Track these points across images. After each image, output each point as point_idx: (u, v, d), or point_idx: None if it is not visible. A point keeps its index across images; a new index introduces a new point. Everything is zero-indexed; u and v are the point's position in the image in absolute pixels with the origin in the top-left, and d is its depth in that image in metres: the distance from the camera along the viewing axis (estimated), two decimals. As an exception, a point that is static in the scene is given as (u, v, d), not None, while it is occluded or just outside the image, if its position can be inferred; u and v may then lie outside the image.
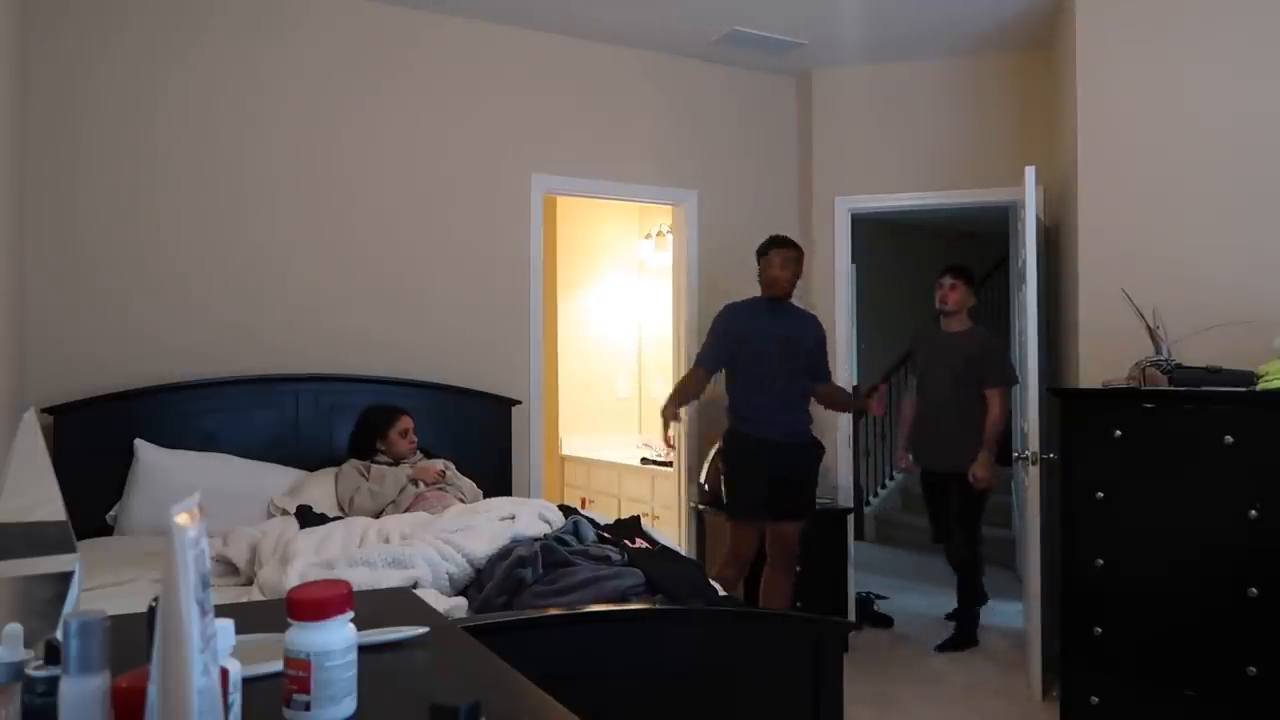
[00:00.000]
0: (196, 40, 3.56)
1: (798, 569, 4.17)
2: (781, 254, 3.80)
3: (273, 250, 3.68)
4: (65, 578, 1.01)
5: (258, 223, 3.66)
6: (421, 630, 1.14)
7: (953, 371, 4.20)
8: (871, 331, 6.85)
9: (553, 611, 2.02)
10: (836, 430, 4.68)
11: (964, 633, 4.25)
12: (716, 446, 4.11)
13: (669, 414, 3.68)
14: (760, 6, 3.98)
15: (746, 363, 3.78)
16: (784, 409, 3.76)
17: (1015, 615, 4.63)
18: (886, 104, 4.66)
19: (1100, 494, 3.03)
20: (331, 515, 2.98)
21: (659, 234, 5.73)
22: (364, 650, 0.92)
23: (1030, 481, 3.61)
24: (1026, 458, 3.55)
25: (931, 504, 4.47)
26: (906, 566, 5.97)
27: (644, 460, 5.24)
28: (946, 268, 4.33)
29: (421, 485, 3.22)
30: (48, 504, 1.18)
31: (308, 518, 2.85)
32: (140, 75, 3.47)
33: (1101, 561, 3.03)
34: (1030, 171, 3.61)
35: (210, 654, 0.66)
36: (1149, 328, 3.24)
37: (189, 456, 3.31)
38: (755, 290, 4.88)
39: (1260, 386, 2.81)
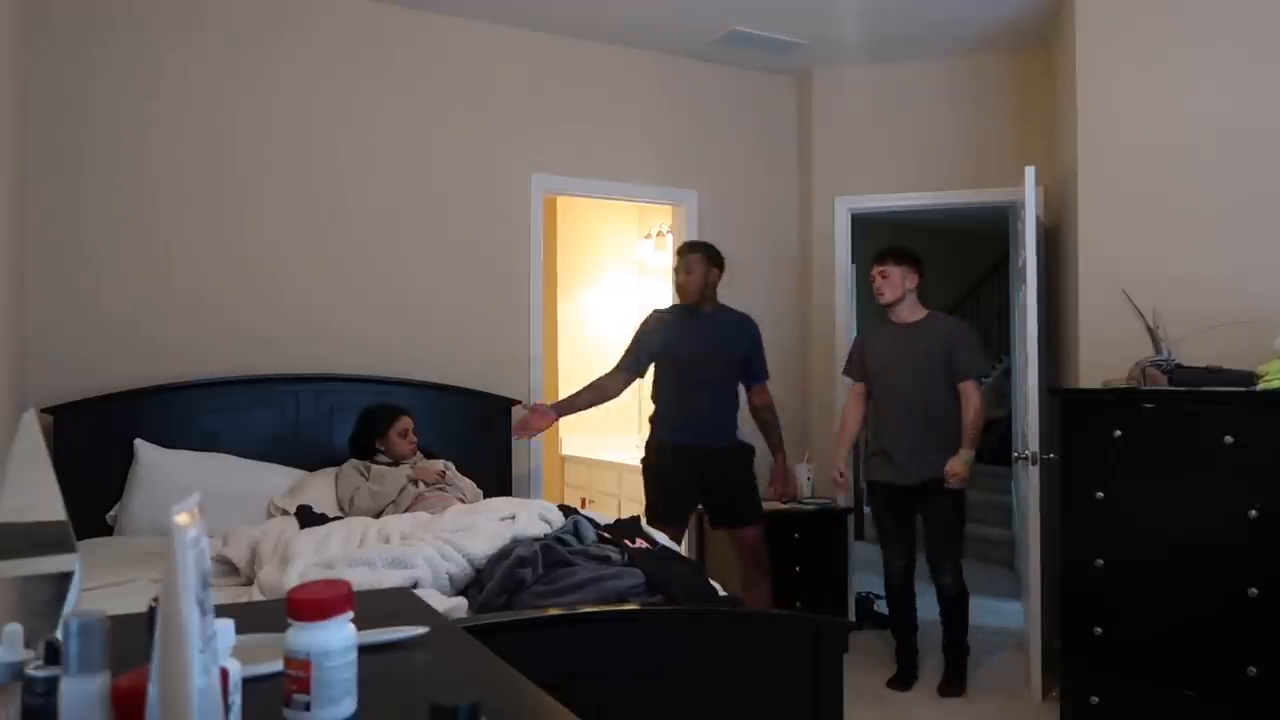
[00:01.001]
0: (195, 40, 3.56)
1: (797, 569, 4.19)
2: (684, 260, 3.76)
3: (273, 250, 3.68)
4: (65, 578, 1.01)
5: (258, 223, 3.66)
6: (421, 630, 1.14)
7: (916, 367, 3.65)
8: (871, 331, 6.85)
9: (553, 611, 2.02)
10: (836, 430, 4.67)
11: (958, 671, 3.71)
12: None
13: (557, 411, 3.71)
14: (760, 6, 3.98)
15: (668, 371, 3.75)
16: (707, 416, 3.71)
17: (1015, 615, 4.63)
18: (886, 104, 4.66)
19: (1100, 494, 3.03)
20: (331, 515, 2.98)
21: (659, 234, 5.73)
22: (364, 650, 0.92)
23: (1030, 481, 3.61)
24: (1026, 458, 3.55)
25: (893, 524, 3.78)
26: (906, 566, 5.96)
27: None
28: (874, 256, 3.80)
29: (422, 485, 3.22)
30: (48, 504, 1.19)
31: (308, 518, 2.85)
32: (138, 75, 3.47)
33: (1101, 561, 3.03)
34: (1030, 171, 3.61)
35: (210, 654, 0.66)
36: (1149, 328, 3.25)
37: (189, 456, 3.30)
38: (753, 290, 4.89)
39: (1260, 386, 2.81)
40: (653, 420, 3.82)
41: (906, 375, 3.69)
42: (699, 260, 3.73)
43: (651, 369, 3.83)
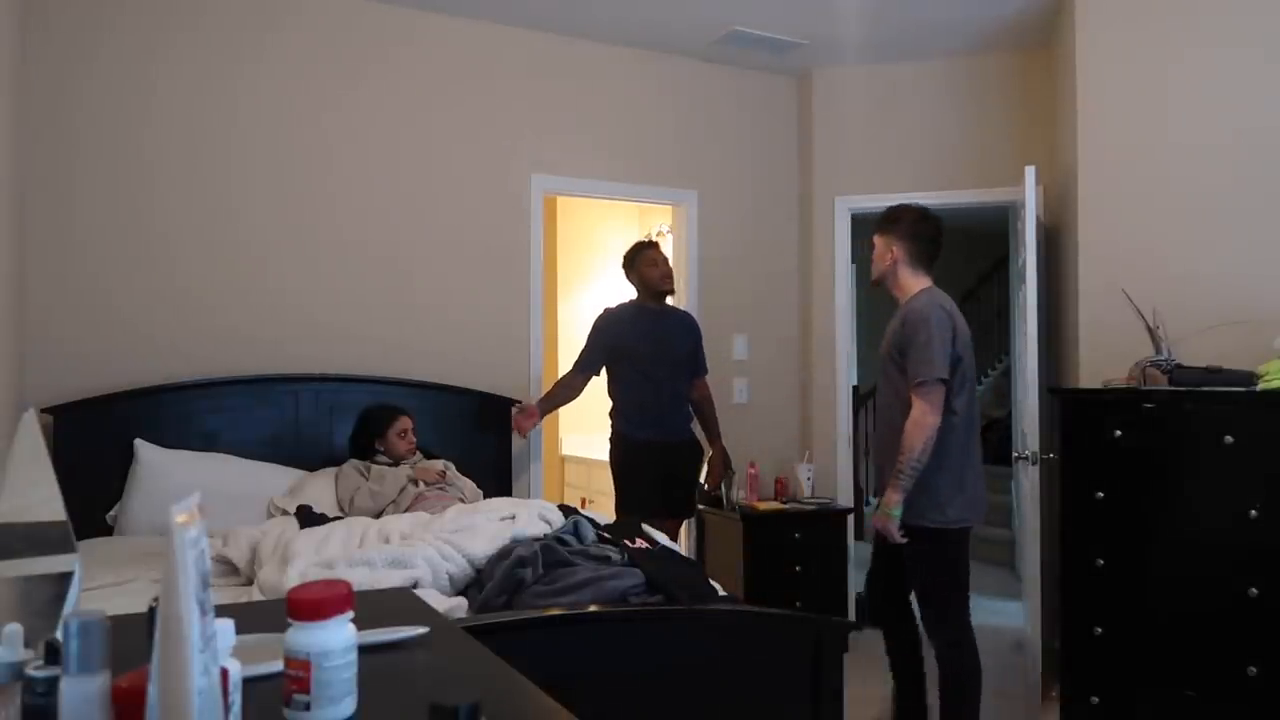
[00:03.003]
0: (194, 39, 3.56)
1: (797, 569, 4.22)
2: (661, 252, 3.89)
3: (272, 250, 3.68)
4: (65, 578, 1.01)
5: (258, 223, 3.65)
6: (421, 630, 1.14)
7: (882, 363, 2.91)
8: (871, 332, 6.86)
9: (553, 611, 2.02)
10: (836, 430, 4.68)
11: None
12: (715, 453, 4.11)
13: (540, 410, 3.83)
14: (760, 6, 3.98)
15: (628, 367, 3.79)
16: (668, 410, 3.81)
17: (1015, 615, 4.63)
18: (887, 104, 4.66)
19: (1100, 494, 3.03)
20: (331, 515, 2.98)
21: (659, 234, 5.73)
22: (364, 650, 0.92)
23: (1030, 481, 3.61)
24: (1026, 458, 3.55)
25: (873, 561, 3.07)
26: (906, 566, 5.96)
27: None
28: None
29: (422, 485, 3.22)
30: (48, 504, 1.19)
31: (308, 518, 2.85)
32: (137, 76, 3.47)
33: (1101, 561, 3.03)
34: (1030, 171, 3.61)
35: (210, 654, 0.66)
36: (1149, 328, 3.25)
37: (189, 456, 3.30)
38: (760, 289, 4.88)
39: (1260, 386, 2.81)
40: (614, 416, 3.87)
41: (881, 374, 2.97)
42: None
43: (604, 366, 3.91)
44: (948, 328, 2.74)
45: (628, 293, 4.03)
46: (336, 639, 0.86)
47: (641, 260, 3.85)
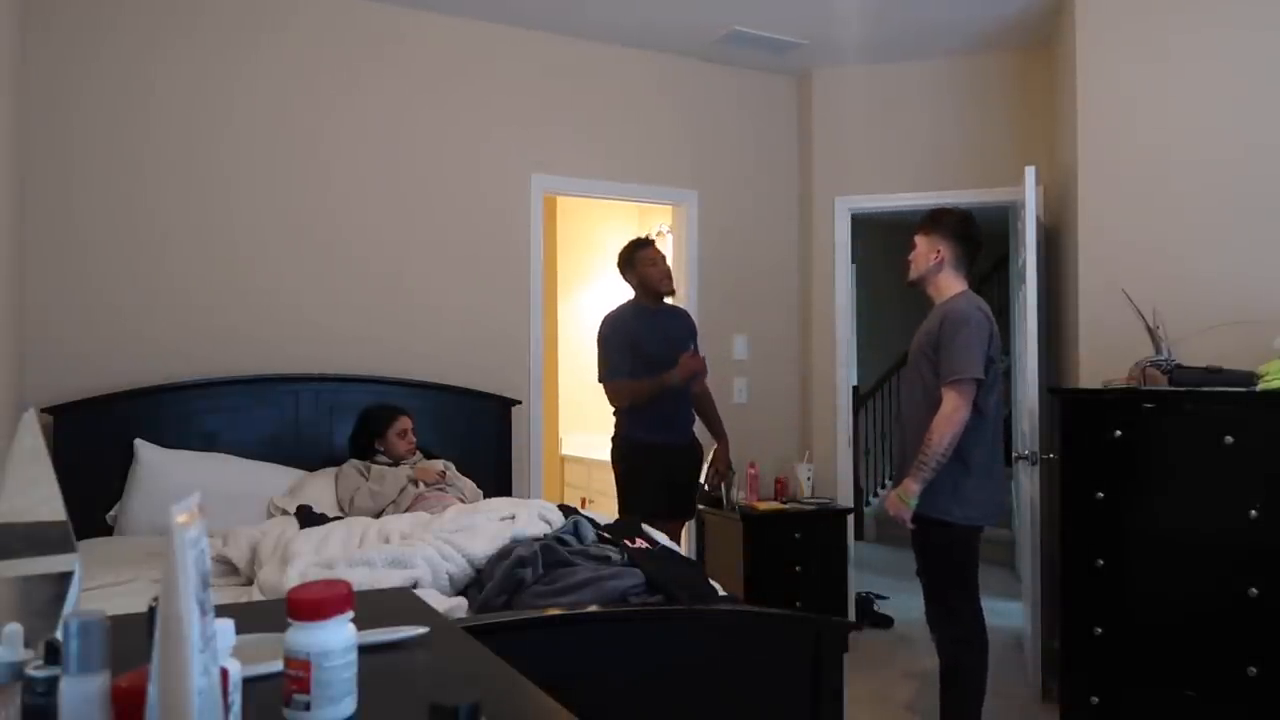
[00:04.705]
0: (193, 40, 3.56)
1: (797, 569, 4.21)
2: (658, 250, 3.83)
3: (272, 250, 3.68)
4: (65, 578, 1.01)
5: (256, 222, 3.65)
6: (421, 630, 1.14)
7: (912, 359, 2.98)
8: (871, 332, 6.87)
9: (553, 611, 2.01)
10: (836, 430, 4.68)
11: None
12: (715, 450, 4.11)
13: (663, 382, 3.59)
14: (760, 6, 3.98)
15: (641, 367, 3.71)
16: (675, 411, 3.76)
17: (1015, 615, 4.63)
18: (887, 104, 4.66)
19: (1100, 494, 3.04)
20: (331, 515, 2.98)
21: (659, 234, 5.73)
22: (364, 650, 0.92)
23: (1030, 481, 3.61)
24: (1026, 457, 3.55)
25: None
26: (906, 566, 5.96)
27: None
28: None
29: (422, 485, 3.22)
30: (48, 504, 1.19)
31: (308, 518, 2.85)
32: (138, 77, 3.47)
33: (1101, 561, 3.03)
34: (1030, 171, 3.61)
35: (210, 654, 0.66)
36: (1149, 328, 3.25)
37: (189, 456, 3.30)
38: (760, 289, 4.87)
39: (1260, 386, 2.81)
40: (621, 417, 3.80)
41: (906, 372, 3.06)
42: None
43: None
44: (985, 330, 2.80)
45: (625, 293, 4.00)
46: (336, 639, 0.86)
47: (640, 260, 3.77)
